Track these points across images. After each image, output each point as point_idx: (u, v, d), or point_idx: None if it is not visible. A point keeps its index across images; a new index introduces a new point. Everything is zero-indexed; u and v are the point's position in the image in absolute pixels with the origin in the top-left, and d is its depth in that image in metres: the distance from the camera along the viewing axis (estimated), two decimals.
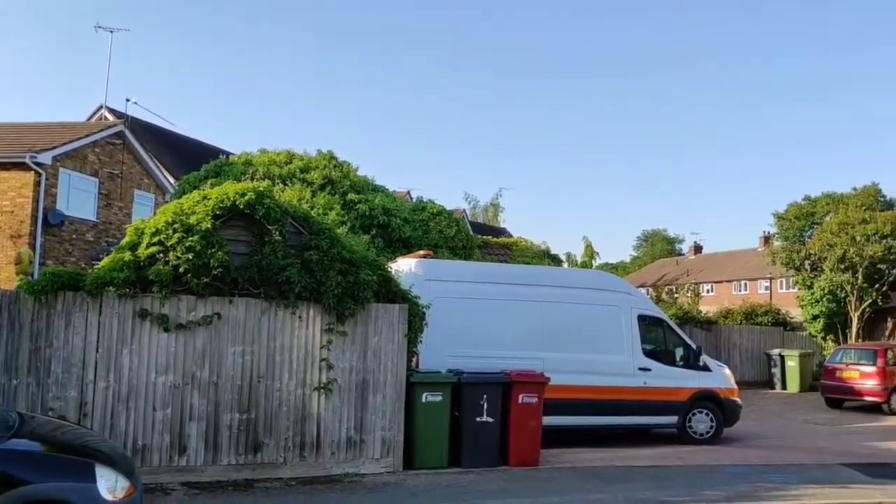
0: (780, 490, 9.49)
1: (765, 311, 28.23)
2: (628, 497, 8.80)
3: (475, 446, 10.42)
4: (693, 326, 24.92)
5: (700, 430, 13.54)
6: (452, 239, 17.56)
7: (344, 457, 9.72)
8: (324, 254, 9.48)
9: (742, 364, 25.53)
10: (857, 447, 13.51)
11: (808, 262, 27.18)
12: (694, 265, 69.37)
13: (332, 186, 16.38)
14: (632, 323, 13.35)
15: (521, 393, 10.62)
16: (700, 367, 13.80)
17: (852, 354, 20.21)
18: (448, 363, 11.20)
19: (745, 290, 60.46)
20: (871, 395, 19.09)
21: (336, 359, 9.73)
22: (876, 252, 24.48)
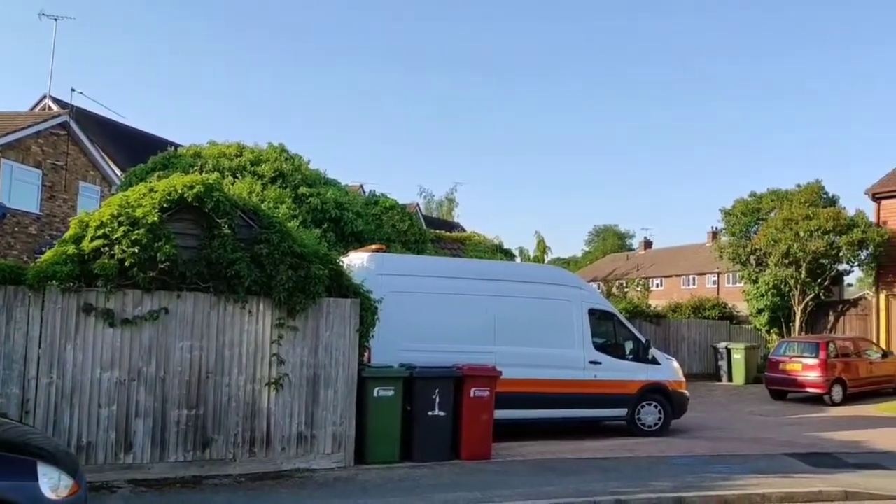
0: (725, 480, 9.68)
1: (712, 305, 28.80)
2: (578, 489, 8.89)
3: (427, 440, 10.43)
4: (643, 320, 25.32)
5: (649, 423, 13.75)
6: (405, 233, 17.52)
7: (295, 452, 9.64)
8: (274, 247, 9.38)
9: (690, 357, 26.03)
10: (800, 437, 13.85)
11: (753, 257, 27.75)
12: (644, 260, 70.42)
13: (283, 180, 16.20)
14: (582, 317, 13.49)
15: (473, 387, 10.66)
16: (649, 360, 14.02)
17: (795, 347, 20.72)
18: (400, 358, 11.16)
19: (694, 285, 61.59)
20: (813, 386, 19.60)
21: (287, 354, 9.64)
22: (818, 247, 25.10)
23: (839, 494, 9.10)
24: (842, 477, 10.17)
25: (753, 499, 8.84)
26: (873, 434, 14.34)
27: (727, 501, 8.73)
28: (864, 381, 20.54)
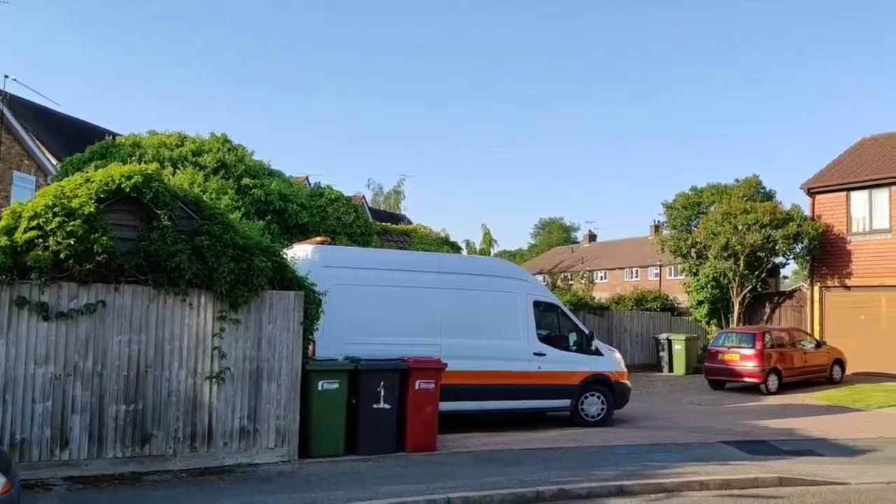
0: (665, 468, 9.87)
1: (654, 297, 29.31)
2: (523, 479, 8.97)
3: (372, 433, 10.40)
4: (586, 312, 25.63)
5: (592, 413, 13.93)
6: (351, 225, 17.39)
7: (237, 447, 9.52)
8: (216, 239, 9.21)
9: (632, 348, 26.46)
10: (737, 426, 14.21)
11: (694, 250, 28.30)
12: (588, 253, 71.30)
13: (225, 170, 15.91)
14: (527, 309, 13.59)
15: (419, 379, 10.66)
16: (592, 351, 14.20)
17: (733, 338, 21.22)
18: (345, 350, 11.11)
19: (637, 277, 62.69)
20: (750, 376, 20.10)
21: (229, 347, 9.50)
22: (756, 240, 25.72)
23: (774, 480, 9.36)
24: (776, 463, 10.47)
25: (692, 486, 9.03)
26: (807, 422, 14.79)
27: (666, 489, 8.90)
28: (798, 370, 21.14)
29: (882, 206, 24.83)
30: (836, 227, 25.98)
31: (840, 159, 27.93)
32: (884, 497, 8.79)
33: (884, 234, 24.61)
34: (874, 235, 24.92)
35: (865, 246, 25.15)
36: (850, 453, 11.56)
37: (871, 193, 25.14)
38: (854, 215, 25.71)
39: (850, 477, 9.70)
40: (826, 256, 26.09)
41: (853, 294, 25.40)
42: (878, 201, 24.93)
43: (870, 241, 25.03)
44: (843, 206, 25.91)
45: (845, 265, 25.59)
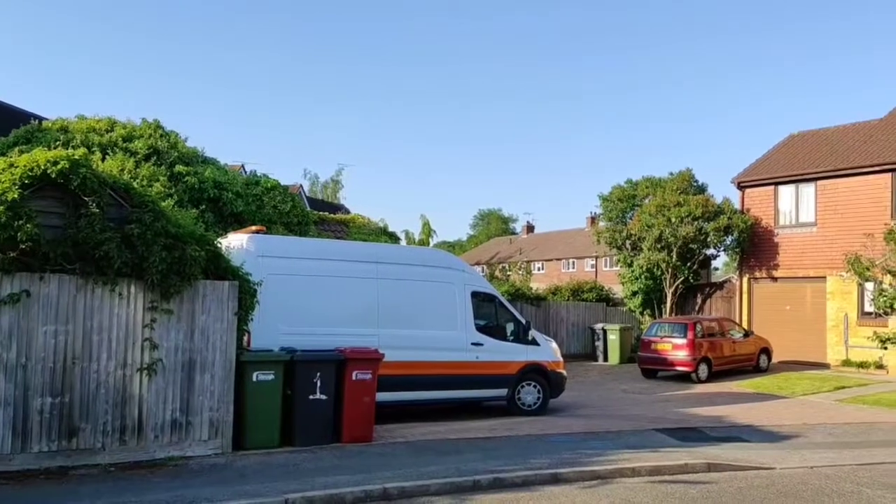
0: (599, 456, 10.04)
1: (590, 287, 29.71)
2: (459, 469, 9.00)
3: (308, 424, 10.30)
4: (524, 302, 25.86)
5: (528, 402, 14.07)
6: (287, 214, 17.17)
7: (169, 440, 9.32)
8: (147, 228, 8.97)
9: (568, 338, 26.81)
10: (669, 413, 14.54)
11: (629, 241, 28.78)
12: (526, 244, 71.95)
13: (157, 157, 15.52)
14: (465, 299, 13.63)
15: (356, 370, 10.59)
16: (529, 341, 14.33)
17: (666, 328, 21.68)
18: (281, 341, 10.99)
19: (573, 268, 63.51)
20: (681, 365, 20.58)
21: (160, 338, 9.28)
22: (688, 233, 26.30)
23: (703, 466, 9.61)
24: (706, 450, 10.75)
25: (624, 472, 9.20)
26: (735, 409, 15.23)
27: (600, 476, 9.05)
28: (727, 359, 21.73)
29: (808, 201, 25.65)
30: (764, 220, 26.75)
31: (769, 154, 28.75)
32: (806, 481, 9.10)
33: (809, 228, 25.45)
34: (800, 229, 25.76)
35: (792, 239, 25.98)
36: (775, 439, 11.94)
37: (797, 188, 25.96)
38: (781, 209, 26.51)
39: (774, 462, 10.03)
40: (755, 249, 26.86)
41: (780, 285, 26.22)
42: (804, 196, 25.76)
43: (796, 234, 25.86)
44: (771, 199, 26.68)
45: (773, 257, 26.39)
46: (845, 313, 23.76)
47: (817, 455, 10.66)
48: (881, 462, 10.32)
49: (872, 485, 8.98)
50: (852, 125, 27.55)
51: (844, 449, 11.21)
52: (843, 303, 23.88)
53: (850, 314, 23.68)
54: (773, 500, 8.16)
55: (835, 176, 24.73)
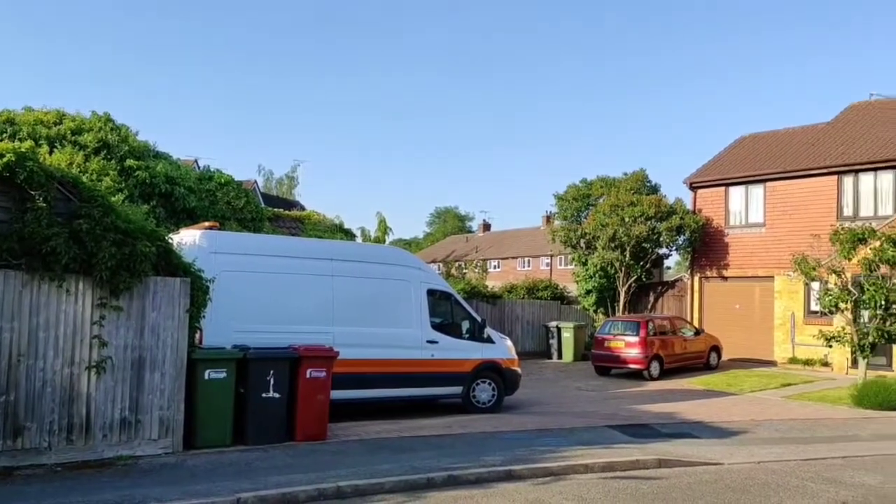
0: (552, 452, 10.12)
1: (545, 286, 29.93)
2: (414, 466, 9.00)
3: (261, 423, 10.20)
4: (479, 300, 25.93)
5: (483, 400, 14.12)
6: (241, 210, 16.97)
7: (118, 439, 9.15)
8: (96, 223, 8.78)
9: (523, 336, 26.96)
10: (621, 410, 14.72)
11: (583, 240, 29.05)
12: (483, 242, 72.20)
13: (108, 151, 15.20)
14: (421, 297, 13.63)
15: (310, 367, 10.51)
16: (484, 339, 14.38)
17: (619, 326, 21.94)
18: (234, 339, 10.85)
19: (529, 267, 63.90)
20: (634, 362, 20.85)
21: (110, 335, 9.10)
22: (641, 232, 26.64)
23: (654, 462, 9.75)
24: (657, 446, 10.91)
25: (577, 469, 9.29)
26: (685, 406, 15.49)
27: (553, 473, 9.12)
28: (678, 356, 22.08)
29: (757, 202, 26.19)
30: (715, 220, 27.23)
31: (720, 156, 29.27)
32: (753, 476, 9.30)
33: (758, 228, 25.99)
34: (750, 229, 26.28)
35: (742, 239, 26.49)
36: (724, 435, 12.17)
37: (747, 189, 26.47)
38: (732, 209, 27.01)
39: (723, 457, 10.22)
40: (706, 248, 27.33)
41: (730, 284, 26.72)
42: (754, 197, 26.29)
43: (746, 234, 26.38)
44: (721, 200, 27.17)
45: (723, 257, 26.89)
46: (792, 312, 24.32)
47: (764, 450, 10.90)
48: (825, 457, 10.60)
49: (816, 479, 9.21)
50: (801, 128, 28.19)
51: (790, 444, 11.48)
52: (791, 302, 24.43)
53: (796, 313, 24.24)
54: (722, 495, 8.32)
55: (783, 178, 25.29)
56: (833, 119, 27.47)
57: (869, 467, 10.02)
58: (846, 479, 9.26)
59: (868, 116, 26.46)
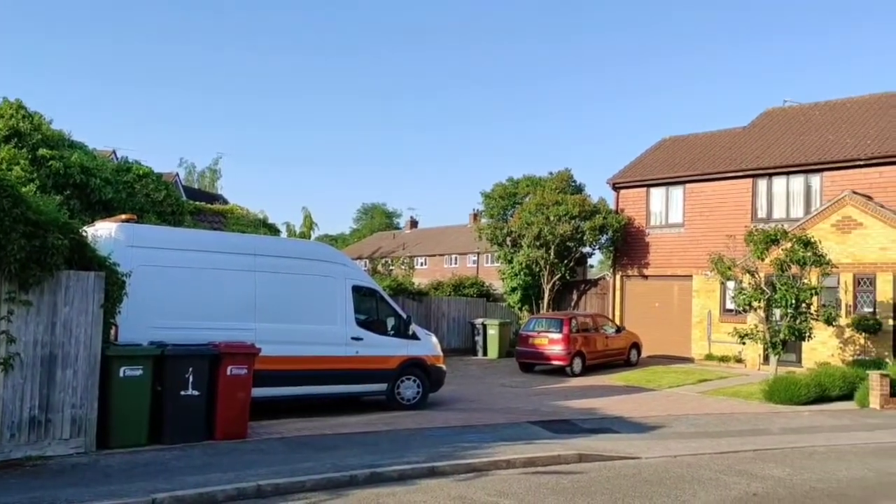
0: (476, 448, 10.18)
1: (471, 283, 30.10)
2: (336, 464, 8.92)
3: (179, 421, 9.97)
4: (406, 297, 25.88)
5: (408, 396, 14.12)
6: (161, 203, 16.51)
7: (27, 439, 8.79)
8: (4, 214, 8.40)
9: (449, 333, 27.05)
10: (544, 406, 14.92)
11: (509, 238, 29.32)
12: (410, 239, 72.20)
13: (19, 139, 14.57)
14: (346, 293, 13.52)
15: (230, 365, 10.33)
16: (410, 336, 14.38)
17: (543, 323, 22.23)
18: (152, 336, 10.56)
19: (456, 264, 64.21)
20: (557, 359, 21.16)
21: (18, 331, 8.73)
22: (566, 231, 27.05)
23: (574, 457, 9.91)
24: (577, 441, 11.09)
25: (499, 465, 9.37)
26: (606, 401, 15.80)
27: (476, 468, 9.18)
28: (600, 353, 22.52)
29: (677, 203, 26.92)
30: (637, 220, 27.86)
31: (642, 157, 29.95)
32: (669, 469, 9.55)
33: (678, 229, 26.71)
34: (670, 229, 26.99)
35: (662, 239, 27.18)
36: (643, 430, 12.46)
37: (667, 190, 27.17)
38: (653, 210, 27.68)
39: (641, 452, 10.47)
40: (627, 247, 27.93)
41: (650, 283, 27.39)
42: (674, 198, 27.01)
43: (666, 234, 27.08)
44: (643, 201, 27.82)
45: (644, 256, 27.53)
46: (709, 310, 25.08)
47: (680, 444, 11.21)
48: (737, 450, 10.96)
49: (728, 472, 9.51)
50: (719, 132, 29.09)
51: (705, 438, 11.83)
52: (707, 300, 25.19)
53: (713, 311, 25.01)
54: (639, 489, 8.51)
55: (702, 180, 26.06)
56: (749, 124, 28.44)
57: (778, 460, 10.41)
58: (756, 471, 9.60)
59: (782, 122, 27.49)
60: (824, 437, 12.39)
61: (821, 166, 23.19)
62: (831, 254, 19.65)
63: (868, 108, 25.56)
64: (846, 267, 21.01)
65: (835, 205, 21.80)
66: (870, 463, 10.37)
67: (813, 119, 26.70)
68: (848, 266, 21.04)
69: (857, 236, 21.16)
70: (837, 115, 26.10)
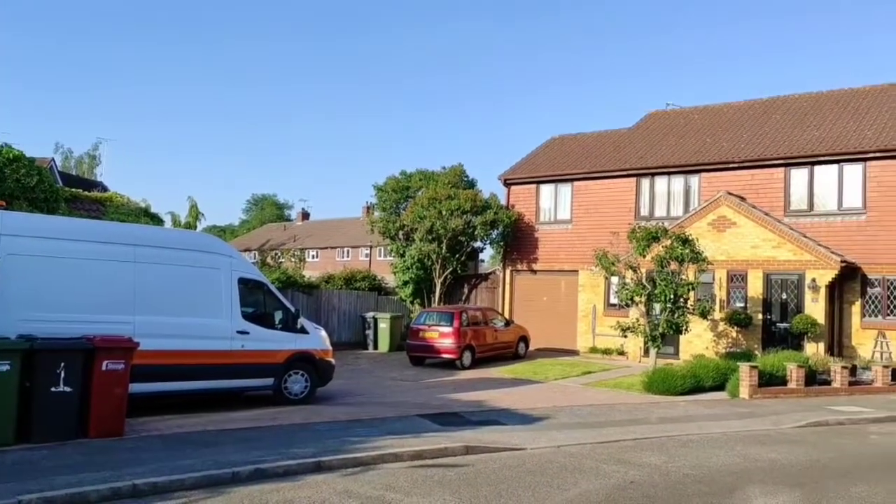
0: (363, 442, 10.13)
1: (363, 276, 29.95)
2: (218, 461, 8.68)
3: (49, 419, 9.48)
4: (295, 290, 25.50)
5: (295, 391, 13.90)
6: (33, 190, 15.61)
7: None
8: None
9: (340, 326, 26.84)
10: (433, 399, 15.00)
11: (402, 232, 29.32)
12: (301, 231, 71.17)
13: None
14: (232, 286, 13.17)
15: (106, 359, 9.89)
16: (298, 329, 14.14)
17: (434, 317, 22.35)
18: (21, 328, 10.00)
19: (349, 257, 63.74)
20: (447, 352, 21.33)
21: None
22: (458, 225, 27.28)
23: (461, 449, 10.00)
24: (465, 433, 11.21)
25: (387, 458, 9.36)
26: (494, 394, 16.03)
27: (363, 462, 9.13)
28: (490, 346, 22.84)
29: (565, 200, 27.60)
30: (527, 216, 28.40)
31: (533, 155, 30.55)
32: (553, 459, 9.78)
33: (566, 225, 27.39)
34: (558, 225, 27.65)
35: (550, 234, 27.81)
36: (529, 421, 12.72)
37: (556, 187, 27.83)
38: (542, 206, 28.28)
39: (526, 443, 10.68)
40: (517, 243, 28.44)
41: (538, 278, 27.99)
42: (562, 195, 27.68)
43: (554, 230, 27.72)
44: (533, 197, 28.38)
45: (533, 251, 28.10)
46: (594, 304, 25.87)
47: (564, 435, 11.50)
48: (618, 440, 11.34)
49: (609, 461, 9.83)
50: (606, 132, 30.01)
51: (588, 429, 12.18)
52: (592, 295, 25.98)
53: (597, 305, 25.81)
54: (523, 479, 8.67)
55: (589, 178, 26.82)
56: (634, 125, 29.47)
57: (655, 448, 10.84)
58: (635, 459, 9.96)
59: (664, 124, 28.63)
60: (698, 425, 12.99)
61: (699, 167, 24.30)
62: (707, 251, 20.63)
63: (744, 113, 26.95)
64: (721, 264, 22.10)
65: (711, 205, 22.89)
66: (739, 450, 10.94)
67: (693, 122, 27.94)
68: (722, 263, 22.14)
69: (731, 235, 22.29)
70: (716, 119, 27.41)
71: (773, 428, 13.01)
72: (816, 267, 20.76)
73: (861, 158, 21.40)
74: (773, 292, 21.70)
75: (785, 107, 26.32)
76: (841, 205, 21.78)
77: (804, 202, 22.41)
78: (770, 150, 23.22)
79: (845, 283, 21.32)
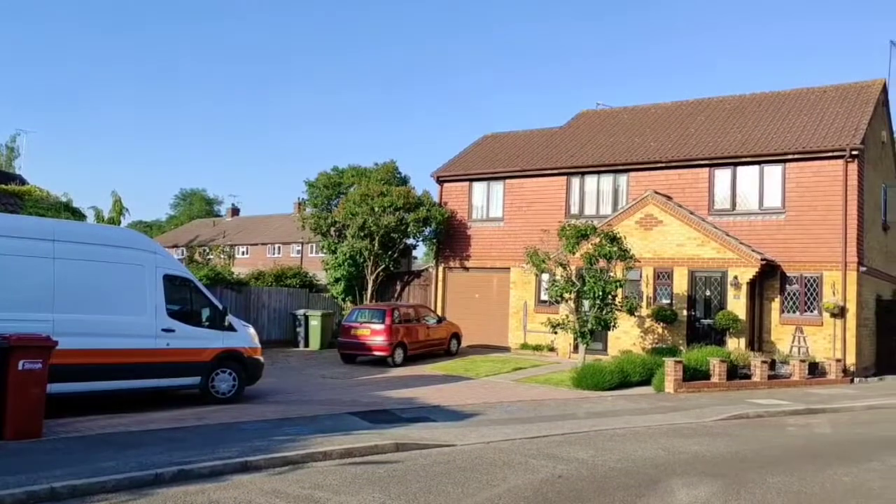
0: (292, 441, 10.00)
1: (294, 273, 29.60)
2: (140, 462, 8.45)
3: None
4: (224, 287, 25.03)
5: (223, 390, 13.65)
6: None
7: None
8: None
9: (270, 324, 26.46)
10: (364, 397, 14.93)
11: (334, 228, 29.10)
12: (231, 227, 69.97)
13: None
14: (156, 283, 12.84)
15: (23, 358, 9.53)
16: (226, 327, 13.89)
17: (365, 314, 22.23)
18: None
19: (280, 254, 62.92)
20: (379, 350, 21.26)
21: None
22: (390, 222, 27.22)
23: (391, 447, 9.98)
24: (395, 430, 11.19)
25: (316, 457, 9.26)
26: (425, 391, 16.05)
27: (291, 461, 9.01)
28: (422, 343, 22.86)
29: (497, 198, 27.80)
30: (459, 213, 28.50)
31: (465, 152, 30.66)
32: (483, 455, 9.84)
33: (498, 223, 27.60)
34: (490, 223, 27.83)
35: (483, 232, 27.97)
36: (459, 418, 12.77)
37: (489, 185, 28.00)
38: (475, 204, 28.42)
39: (456, 439, 10.72)
40: (450, 240, 28.52)
41: (471, 275, 28.12)
42: (495, 192, 27.87)
43: (486, 227, 27.90)
44: (465, 195, 28.49)
45: (466, 248, 28.22)
46: (525, 301, 26.14)
47: (494, 431, 11.58)
48: (546, 435, 11.49)
49: (537, 455, 9.95)
50: (537, 131, 30.33)
51: (517, 424, 12.30)
52: (524, 292, 26.25)
53: (528, 302, 26.09)
54: (453, 475, 8.70)
55: (521, 176, 27.07)
56: (565, 124, 29.87)
57: (583, 443, 11.02)
58: (563, 454, 10.10)
59: (594, 124, 29.11)
60: (625, 420, 13.26)
61: (627, 167, 24.79)
62: (635, 249, 21.08)
63: (671, 114, 27.60)
64: (648, 261, 22.60)
65: (638, 203, 23.38)
66: (663, 443, 11.21)
67: (622, 122, 28.48)
68: (649, 260, 22.65)
69: (658, 233, 22.82)
70: (644, 120, 27.99)
71: (696, 421, 13.37)
72: (739, 265, 21.42)
73: (781, 160, 22.16)
74: (697, 289, 22.30)
75: (710, 108, 27.07)
76: (762, 204, 22.52)
77: (727, 202, 23.09)
78: (695, 150, 23.84)
79: (765, 280, 22.06)
